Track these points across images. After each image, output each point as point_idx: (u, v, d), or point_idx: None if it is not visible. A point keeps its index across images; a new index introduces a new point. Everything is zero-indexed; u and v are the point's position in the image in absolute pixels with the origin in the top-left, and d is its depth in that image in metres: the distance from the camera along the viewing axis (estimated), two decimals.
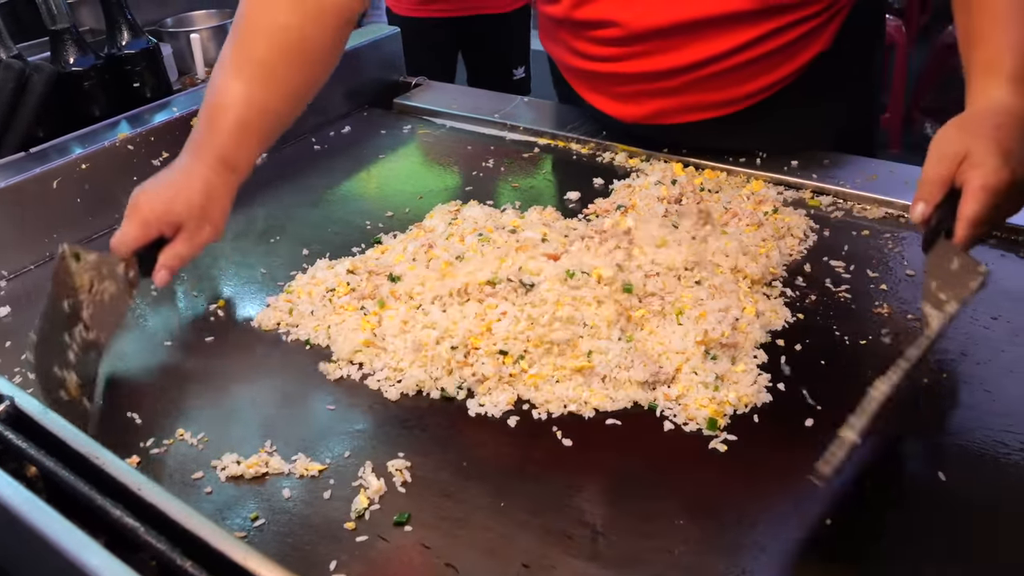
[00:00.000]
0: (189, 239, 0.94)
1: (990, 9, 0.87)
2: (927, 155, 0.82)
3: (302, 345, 0.93)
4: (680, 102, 1.18)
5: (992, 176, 0.77)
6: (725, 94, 1.17)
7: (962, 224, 0.78)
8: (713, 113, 1.19)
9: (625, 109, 1.23)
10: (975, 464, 0.73)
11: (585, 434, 0.78)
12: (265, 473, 0.75)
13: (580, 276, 0.88)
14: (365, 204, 1.26)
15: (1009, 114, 0.81)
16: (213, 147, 0.97)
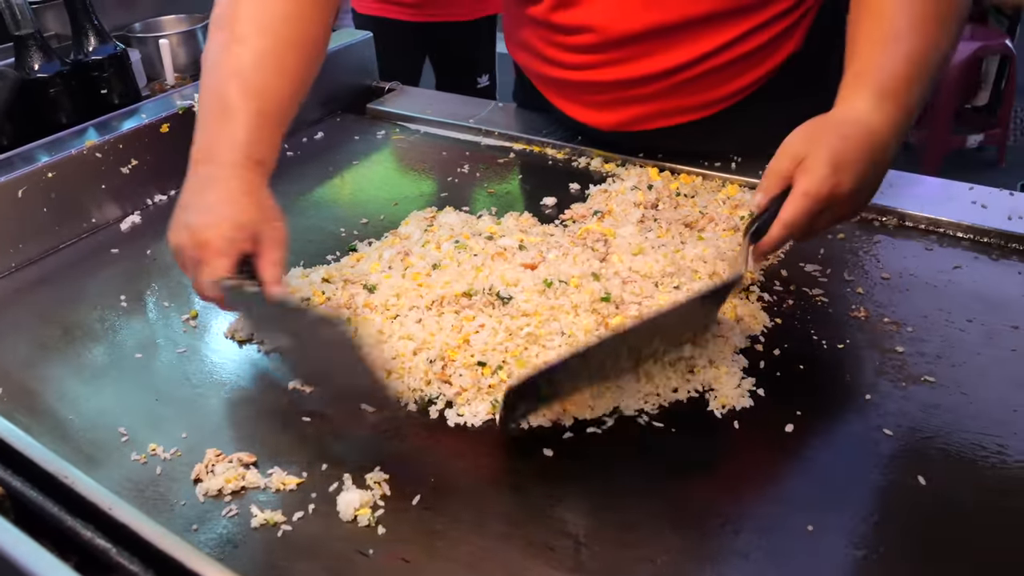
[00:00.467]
0: (273, 240, 0.87)
1: (874, 25, 0.88)
2: (778, 150, 0.84)
3: (277, 357, 0.91)
4: (656, 108, 1.19)
5: (816, 184, 0.79)
6: (700, 98, 1.17)
7: (776, 225, 0.80)
8: (689, 117, 1.20)
9: (600, 117, 1.24)
10: (954, 467, 0.73)
11: (565, 444, 0.77)
12: (242, 488, 0.74)
13: (558, 285, 0.87)
14: (339, 211, 1.24)
15: (859, 125, 0.82)
16: (236, 147, 0.90)
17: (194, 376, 0.89)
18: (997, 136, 4.03)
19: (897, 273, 1.01)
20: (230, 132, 0.90)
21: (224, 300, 0.84)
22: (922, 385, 0.83)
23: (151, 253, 1.14)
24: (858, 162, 0.80)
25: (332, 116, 1.59)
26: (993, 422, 0.78)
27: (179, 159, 1.29)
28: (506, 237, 1.02)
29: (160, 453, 0.78)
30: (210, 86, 0.94)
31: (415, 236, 1.09)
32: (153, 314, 1.01)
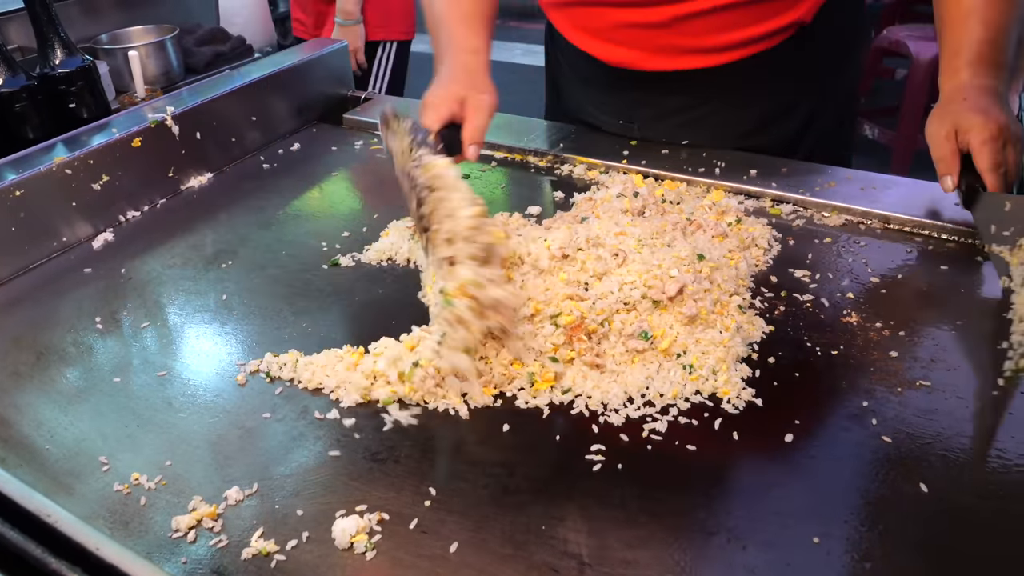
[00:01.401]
0: (477, 109, 1.07)
1: (953, 6, 1.08)
2: (929, 145, 1.04)
3: (262, 378, 0.89)
4: (658, 43, 1.23)
5: (984, 130, 0.98)
6: (700, 40, 1.21)
7: (987, 175, 0.99)
8: (687, 61, 1.23)
9: (606, 50, 1.28)
10: (955, 473, 0.73)
11: (564, 461, 0.76)
12: (231, 517, 0.71)
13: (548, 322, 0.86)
14: (319, 224, 1.22)
15: (970, 88, 1.03)
16: (453, 45, 1.16)
17: (176, 400, 0.86)
18: None
19: (886, 277, 1.01)
20: (447, 40, 1.17)
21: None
22: (918, 390, 0.82)
23: (126, 271, 1.10)
24: (992, 104, 1.01)
25: (308, 127, 1.57)
26: (990, 427, 0.78)
27: (152, 173, 1.28)
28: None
29: (144, 482, 0.75)
30: (431, 16, 1.21)
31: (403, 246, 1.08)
32: (130, 335, 0.98)
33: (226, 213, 1.26)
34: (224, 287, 1.06)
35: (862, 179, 1.20)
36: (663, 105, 1.31)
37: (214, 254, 1.14)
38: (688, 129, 1.32)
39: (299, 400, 0.85)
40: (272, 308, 1.01)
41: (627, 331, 0.85)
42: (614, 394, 0.82)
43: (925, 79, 3.96)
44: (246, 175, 1.39)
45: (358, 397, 0.84)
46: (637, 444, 0.77)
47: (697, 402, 0.82)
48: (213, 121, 1.38)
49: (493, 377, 0.84)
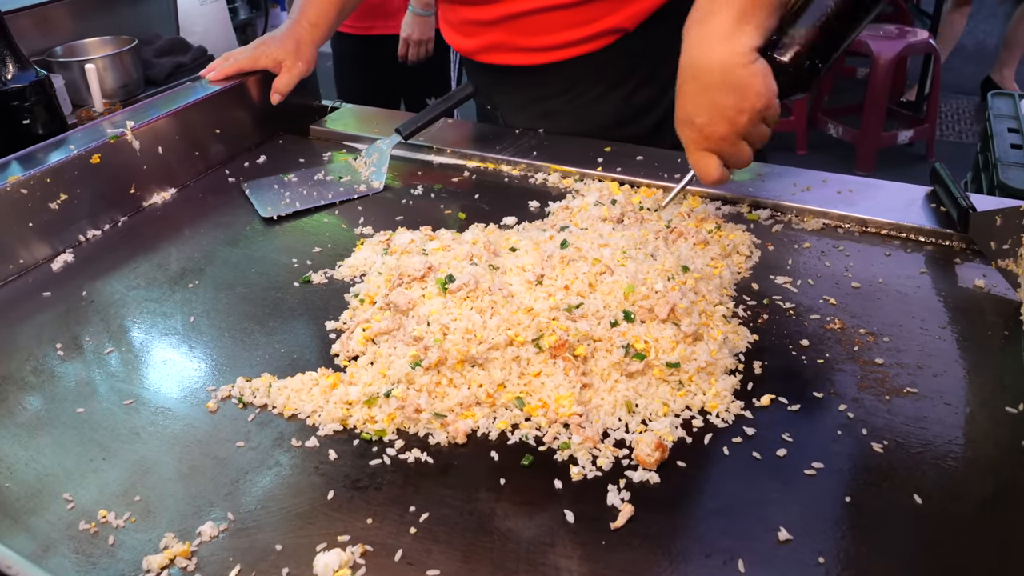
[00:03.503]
0: (288, 71, 1.44)
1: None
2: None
3: (234, 404, 0.85)
4: (493, 39, 1.36)
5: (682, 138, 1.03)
6: (529, 40, 1.33)
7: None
8: (520, 58, 1.36)
9: (459, 42, 1.44)
10: (948, 483, 0.72)
11: (552, 483, 0.74)
12: (206, 555, 0.68)
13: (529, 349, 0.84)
14: (289, 239, 1.18)
15: (683, 68, 1.01)
16: (298, 13, 1.45)
17: (144, 430, 0.82)
18: (926, 131, 4.16)
19: (866, 281, 1.00)
20: (299, 3, 1.46)
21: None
22: (906, 397, 0.82)
23: (87, 294, 1.06)
24: (685, 97, 1.00)
25: (274, 138, 1.53)
26: (980, 433, 0.77)
27: (112, 191, 1.23)
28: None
29: (112, 520, 0.71)
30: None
31: (376, 261, 1.05)
32: (93, 361, 0.93)
33: (191, 230, 1.22)
34: (191, 308, 1.02)
35: (838, 182, 1.20)
36: (516, 96, 1.46)
37: (180, 273, 1.10)
38: (546, 120, 1.43)
39: (274, 427, 0.82)
40: (242, 329, 0.97)
41: (615, 354, 0.83)
42: (603, 413, 0.80)
43: (886, 77, 4.03)
44: (212, 189, 1.34)
45: (336, 423, 0.81)
46: (627, 464, 0.75)
47: (687, 417, 0.80)
48: (175, 135, 1.34)
49: (478, 401, 0.82)
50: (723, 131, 0.98)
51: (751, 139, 1.00)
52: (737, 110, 0.97)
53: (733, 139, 0.99)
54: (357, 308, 0.98)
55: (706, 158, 1.01)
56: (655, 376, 0.82)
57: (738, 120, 0.97)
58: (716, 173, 1.01)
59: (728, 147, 1.00)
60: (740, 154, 1.01)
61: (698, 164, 1.03)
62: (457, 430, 0.79)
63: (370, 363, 0.88)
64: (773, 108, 0.98)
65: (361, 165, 1.38)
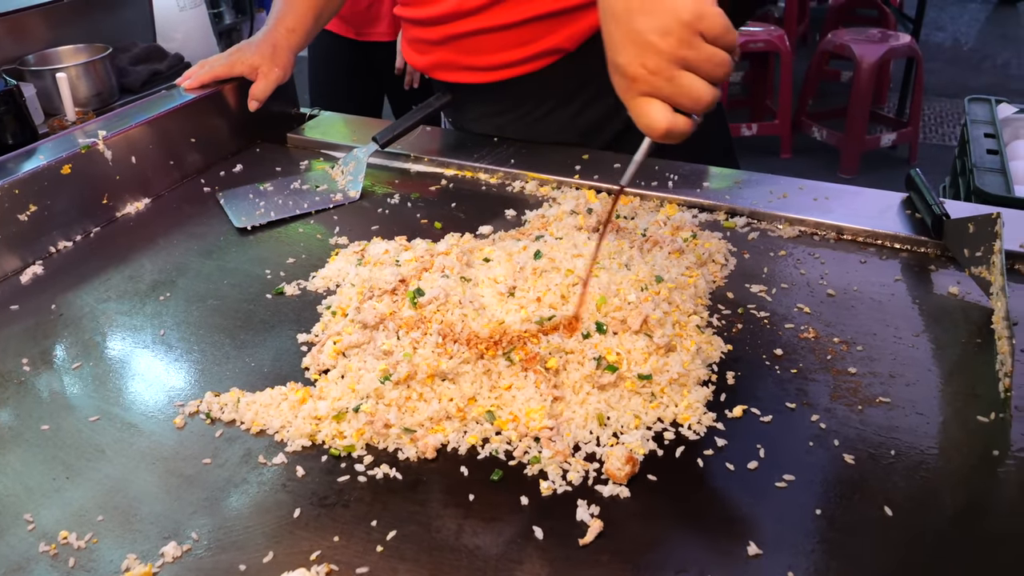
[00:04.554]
0: (264, 77, 1.43)
1: None
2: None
3: (202, 420, 0.84)
4: (439, 58, 1.38)
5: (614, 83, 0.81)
6: (472, 59, 1.35)
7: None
8: (465, 76, 1.38)
9: (416, 57, 1.45)
10: (918, 494, 0.71)
11: (520, 499, 0.73)
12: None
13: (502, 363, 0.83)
14: (263, 250, 1.17)
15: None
16: (276, 18, 1.45)
17: (109, 447, 0.81)
18: (909, 134, 4.18)
19: (841, 289, 1.00)
20: (276, 8, 1.46)
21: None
22: (879, 407, 0.81)
23: (56, 307, 1.05)
24: (606, 40, 0.81)
25: (251, 147, 1.51)
26: (952, 443, 0.77)
27: (83, 201, 1.22)
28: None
29: (73, 541, 0.70)
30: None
31: (350, 272, 1.04)
32: (60, 377, 0.92)
33: (164, 240, 1.20)
34: (162, 321, 1.01)
35: (814, 189, 1.20)
36: (470, 113, 1.48)
37: (152, 285, 1.09)
38: (500, 133, 1.44)
39: (241, 443, 0.81)
40: (213, 342, 0.96)
41: (586, 366, 0.82)
42: (575, 426, 0.79)
43: (870, 81, 4.05)
44: (186, 199, 1.33)
45: (304, 439, 0.80)
46: (597, 478, 0.74)
47: (659, 429, 0.79)
48: (149, 144, 1.33)
49: (448, 415, 0.81)
50: (650, 63, 0.75)
51: (698, 67, 0.75)
52: (659, 31, 0.74)
53: (667, 70, 0.75)
54: (329, 320, 0.97)
55: (644, 104, 0.77)
56: (627, 388, 0.82)
57: (663, 44, 0.74)
58: (660, 120, 0.76)
59: (664, 83, 0.75)
60: (688, 89, 0.75)
61: (637, 115, 0.78)
62: (427, 445, 0.78)
63: (340, 377, 0.87)
64: (709, 17, 0.74)
65: (338, 174, 1.37)
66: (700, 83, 0.75)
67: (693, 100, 0.76)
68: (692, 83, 0.75)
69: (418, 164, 1.40)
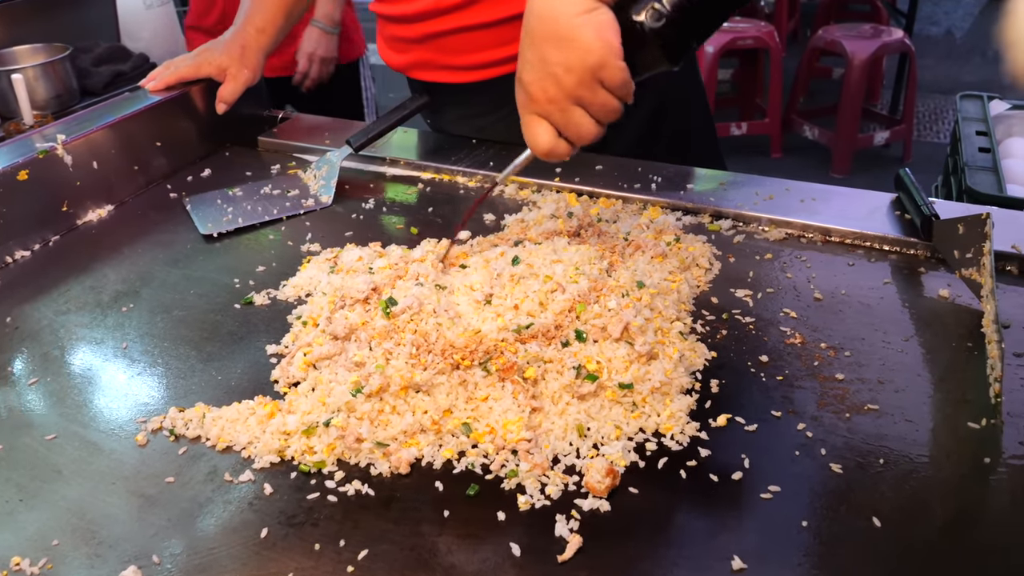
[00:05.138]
0: (233, 78, 1.42)
1: None
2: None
3: (165, 437, 0.83)
4: (418, 57, 1.39)
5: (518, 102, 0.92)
6: (452, 58, 1.35)
7: None
8: (445, 76, 1.38)
9: (394, 56, 1.45)
10: (907, 505, 0.72)
11: (498, 515, 0.73)
12: None
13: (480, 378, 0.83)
14: (231, 258, 1.17)
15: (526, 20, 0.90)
16: (245, 17, 1.44)
17: (67, 467, 0.80)
18: (902, 132, 4.22)
19: (829, 293, 1.01)
20: (246, 7, 1.44)
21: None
22: (866, 415, 0.82)
23: (12, 320, 1.03)
24: (520, 53, 0.90)
25: (220, 150, 1.51)
26: (940, 450, 0.77)
27: (42, 208, 1.21)
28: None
29: (26, 568, 0.69)
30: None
31: (322, 280, 1.04)
32: (16, 393, 0.91)
33: (128, 249, 1.20)
34: (124, 333, 1.00)
35: (801, 190, 1.21)
36: (449, 114, 1.48)
37: (114, 296, 1.08)
38: (479, 134, 1.44)
39: (206, 460, 0.80)
40: (177, 355, 0.96)
41: (565, 376, 0.82)
42: (553, 438, 0.79)
43: (862, 78, 4.08)
44: (152, 205, 1.32)
45: (272, 455, 0.79)
46: (577, 492, 0.74)
47: (640, 440, 0.80)
48: (112, 148, 1.32)
49: (423, 428, 0.80)
50: (550, 91, 0.86)
51: (590, 107, 0.86)
52: (564, 67, 0.84)
53: (562, 102, 0.86)
54: (300, 331, 0.96)
55: (535, 123, 0.89)
56: (608, 398, 0.82)
57: (565, 79, 0.84)
58: (544, 142, 0.89)
59: (557, 112, 0.87)
60: (575, 123, 0.87)
61: (527, 129, 0.90)
62: (400, 460, 0.78)
63: (311, 390, 0.86)
64: (611, 68, 0.84)
65: (310, 178, 1.36)
66: (588, 120, 0.87)
67: (577, 135, 0.89)
68: (581, 119, 0.87)
69: (394, 168, 1.40)
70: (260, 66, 1.47)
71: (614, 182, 1.25)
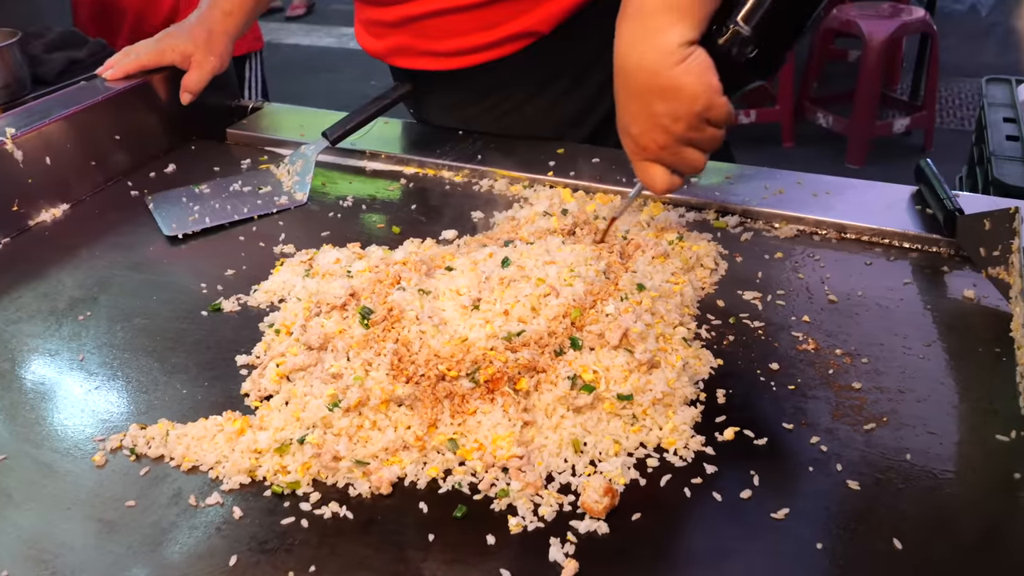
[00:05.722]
0: (199, 65, 1.42)
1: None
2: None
3: (126, 457, 0.83)
4: (397, 42, 1.38)
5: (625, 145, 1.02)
6: (434, 44, 1.34)
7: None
8: (426, 63, 1.37)
9: (372, 42, 1.44)
10: (930, 524, 0.72)
11: (487, 538, 0.72)
12: None
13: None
14: (198, 262, 1.17)
15: (616, 70, 0.99)
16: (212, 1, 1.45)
17: (18, 491, 0.79)
18: (923, 119, 4.24)
19: (844, 294, 1.01)
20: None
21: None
22: (886, 427, 0.82)
23: None
24: (619, 105, 0.99)
25: (185, 144, 1.51)
26: (968, 465, 0.77)
27: None
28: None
29: None
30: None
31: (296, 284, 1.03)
32: None
33: (86, 252, 1.20)
34: (81, 344, 1.00)
35: (813, 183, 1.21)
36: (431, 103, 1.48)
37: (70, 304, 1.08)
38: (467, 126, 1.45)
39: (170, 482, 0.80)
40: (139, 367, 0.95)
41: (560, 387, 0.82)
42: (547, 454, 0.79)
43: (879, 60, 4.09)
44: (111, 204, 1.32)
45: (242, 476, 0.79)
46: (572, 513, 0.74)
47: (641, 456, 0.79)
48: (67, 143, 1.32)
49: (406, 445, 0.80)
50: (661, 140, 0.96)
51: (698, 144, 0.97)
52: (672, 117, 0.94)
53: (673, 147, 0.97)
54: (272, 340, 0.96)
55: (650, 168, 1.00)
56: (605, 410, 0.82)
57: (674, 128, 0.95)
58: (664, 183, 1.00)
59: (670, 156, 0.98)
60: (687, 161, 0.98)
61: (643, 175, 1.01)
62: (381, 479, 0.77)
63: (284, 404, 0.86)
64: (716, 108, 0.94)
65: (284, 174, 1.36)
66: (698, 155, 0.98)
67: (691, 168, 1.00)
68: (692, 156, 0.98)
69: (374, 162, 1.40)
70: (228, 52, 1.46)
71: (612, 176, 1.25)
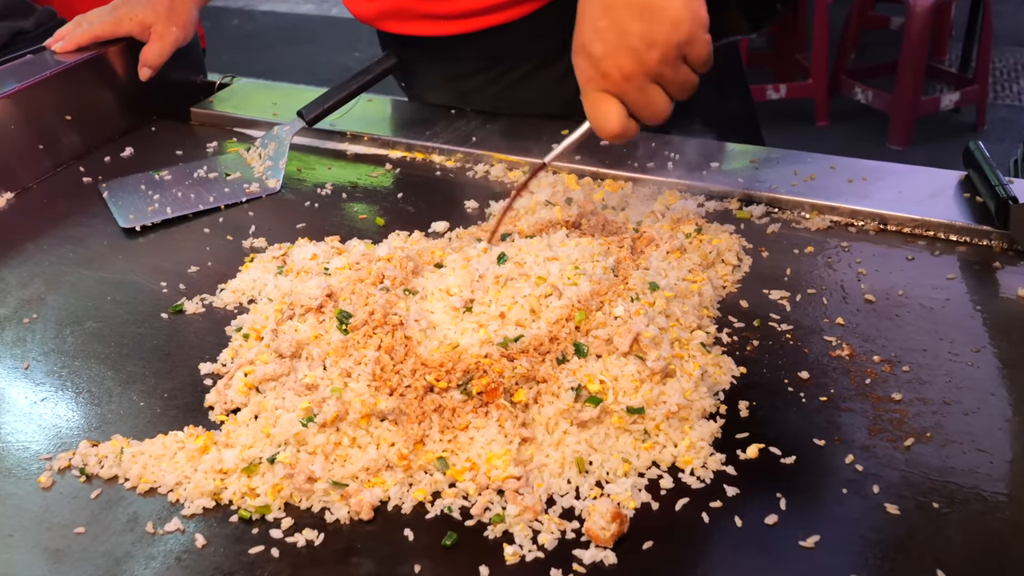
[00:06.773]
0: (160, 37, 1.43)
1: None
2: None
3: (75, 477, 0.83)
4: (400, 4, 1.36)
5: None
6: (436, 5, 1.33)
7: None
8: (427, 27, 1.36)
9: (359, 4, 1.43)
10: (981, 555, 0.72)
11: (476, 569, 0.72)
12: None
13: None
14: (158, 257, 1.17)
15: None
16: None
17: None
18: (975, 94, 4.23)
19: (883, 293, 1.01)
20: None
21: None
22: (929, 443, 0.82)
23: None
24: (583, 18, 0.93)
25: (145, 125, 1.52)
26: (1021, 487, 0.77)
27: None
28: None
29: None
30: None
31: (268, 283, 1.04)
32: None
33: (32, 246, 1.21)
34: (26, 351, 1.00)
35: (849, 168, 1.21)
36: (427, 74, 1.48)
37: (14, 306, 1.08)
38: (464, 104, 1.45)
39: (125, 506, 0.80)
40: (91, 377, 0.96)
41: (563, 398, 0.82)
42: (548, 473, 0.79)
43: (925, 28, 4.09)
44: (62, 193, 1.34)
45: (206, 499, 0.79)
46: (576, 540, 0.74)
47: (653, 476, 0.79)
48: (11, 123, 1.33)
49: (389, 464, 0.80)
50: (627, 68, 0.89)
51: (668, 84, 0.91)
52: (646, 41, 0.88)
53: (640, 80, 0.90)
54: (240, 346, 0.97)
55: (603, 101, 0.93)
56: (613, 425, 0.82)
57: (646, 56, 0.88)
58: (615, 124, 0.93)
59: (633, 90, 0.91)
60: (651, 102, 0.92)
61: (593, 109, 0.94)
62: (361, 503, 0.78)
63: (253, 418, 0.87)
64: (697, 43, 0.89)
65: (255, 158, 1.36)
66: (664, 98, 0.92)
67: (652, 113, 0.93)
68: (657, 97, 0.92)
69: (356, 144, 1.40)
70: (192, 22, 1.46)
71: (622, 160, 1.25)
